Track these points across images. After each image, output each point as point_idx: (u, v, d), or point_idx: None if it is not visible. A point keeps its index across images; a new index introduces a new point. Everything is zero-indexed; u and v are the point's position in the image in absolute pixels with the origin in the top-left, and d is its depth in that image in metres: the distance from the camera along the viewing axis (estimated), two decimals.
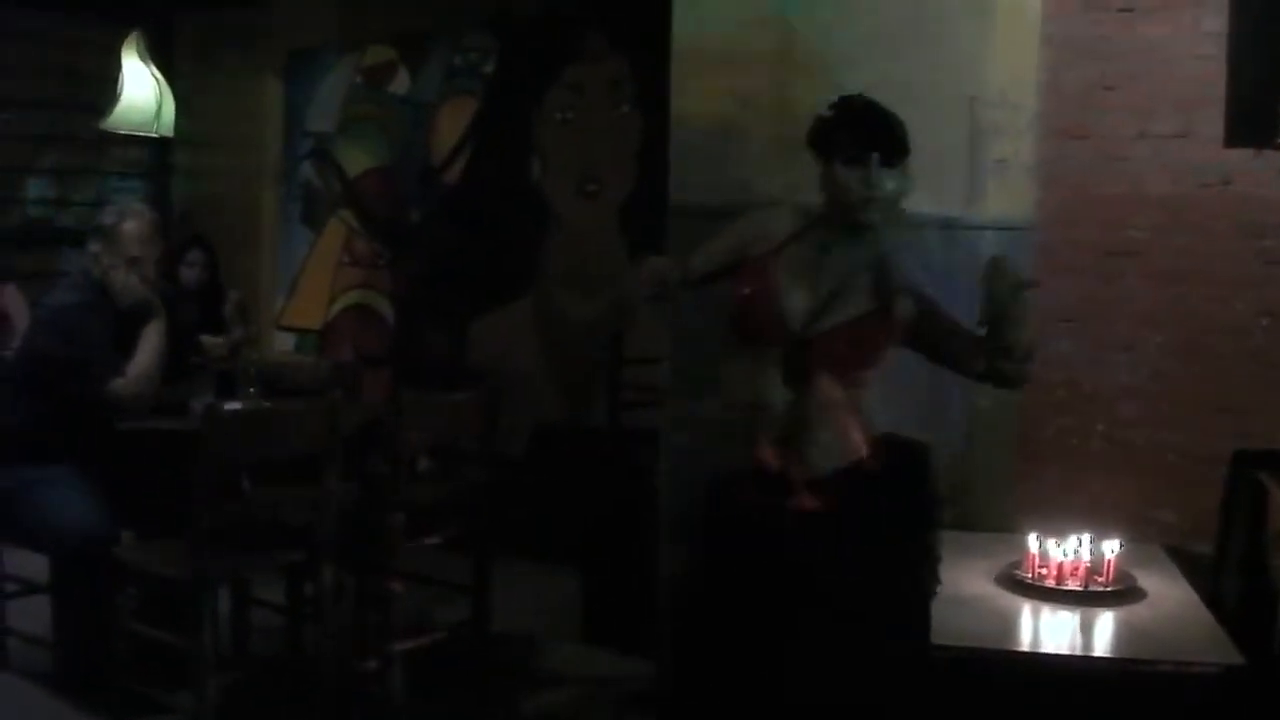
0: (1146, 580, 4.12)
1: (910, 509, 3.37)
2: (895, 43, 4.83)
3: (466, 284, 7.20)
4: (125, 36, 7.26)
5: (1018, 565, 4.02)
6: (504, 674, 5.00)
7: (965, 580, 3.96)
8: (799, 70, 4.71)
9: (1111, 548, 4.09)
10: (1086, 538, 4.12)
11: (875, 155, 3.31)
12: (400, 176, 7.67)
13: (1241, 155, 5.02)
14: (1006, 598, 3.88)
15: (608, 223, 6.65)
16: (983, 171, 5.21)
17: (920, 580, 3.36)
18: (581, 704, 4.89)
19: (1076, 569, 4.05)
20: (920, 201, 5.06)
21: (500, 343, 7.03)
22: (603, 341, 6.43)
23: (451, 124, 7.42)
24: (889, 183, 3.34)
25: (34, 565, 4.78)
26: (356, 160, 7.90)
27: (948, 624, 3.57)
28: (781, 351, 3.31)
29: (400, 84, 7.71)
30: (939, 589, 3.49)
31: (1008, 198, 5.25)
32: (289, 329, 8.16)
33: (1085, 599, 3.93)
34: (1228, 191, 4.98)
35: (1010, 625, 3.67)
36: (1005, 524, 4.62)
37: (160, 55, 7.71)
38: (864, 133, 3.37)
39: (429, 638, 4.84)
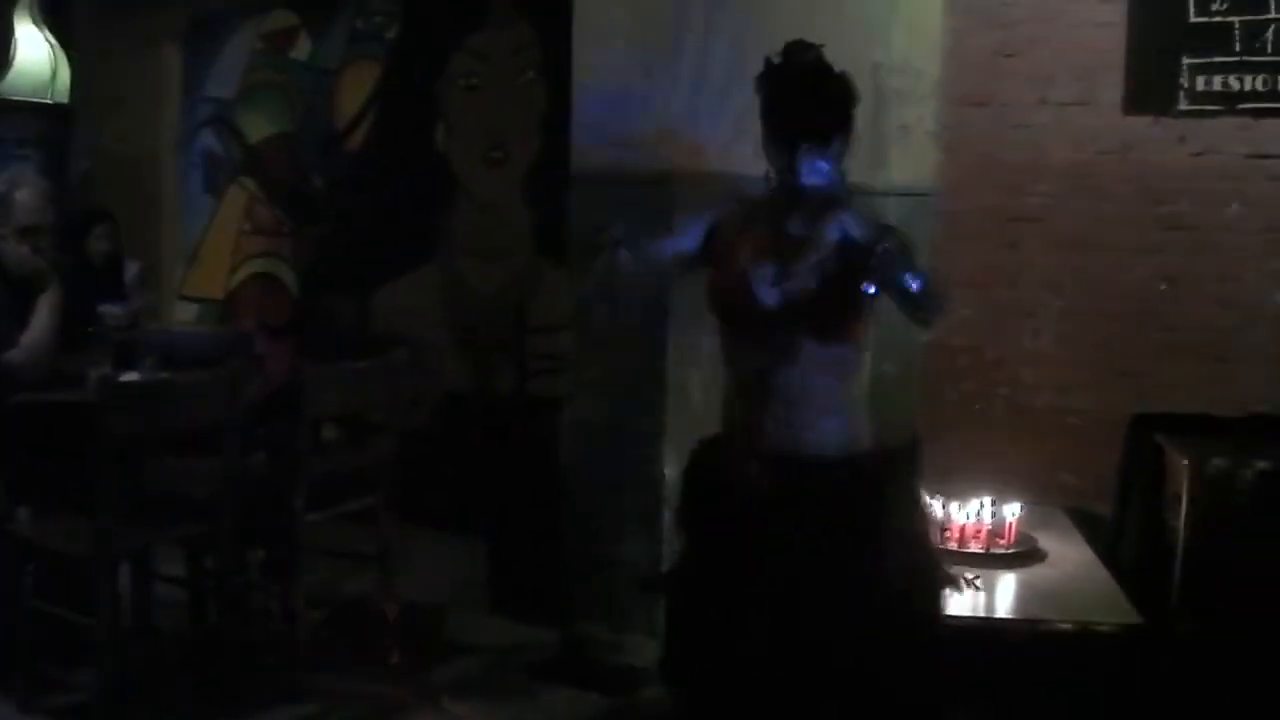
0: (1047, 542, 4.18)
1: (909, 502, 3.21)
2: (799, 7, 4.83)
3: (370, 251, 7.13)
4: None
5: None
6: (410, 644, 4.96)
7: None
8: (701, 37, 4.70)
9: (1013, 510, 4.15)
10: (988, 501, 4.17)
11: (802, 147, 3.06)
12: (302, 143, 7.58)
13: (1141, 123, 5.08)
14: None
15: (512, 190, 6.61)
16: (886, 138, 5.23)
17: (929, 579, 3.20)
18: (488, 673, 4.87)
19: (979, 532, 4.10)
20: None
21: (405, 311, 6.98)
22: (507, 309, 6.41)
23: (354, 90, 7.33)
24: (818, 169, 3.08)
25: None
26: (258, 127, 7.79)
27: None
28: (764, 333, 3.12)
29: (302, 49, 7.60)
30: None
31: (911, 164, 5.28)
32: (191, 299, 8.04)
33: (987, 561, 3.98)
34: (1128, 158, 5.04)
35: None
36: None
37: (55, 19, 7.56)
38: (787, 116, 3.12)
39: (334, 609, 4.80)
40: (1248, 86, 5.00)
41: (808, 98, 3.13)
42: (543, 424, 5.38)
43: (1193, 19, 5.05)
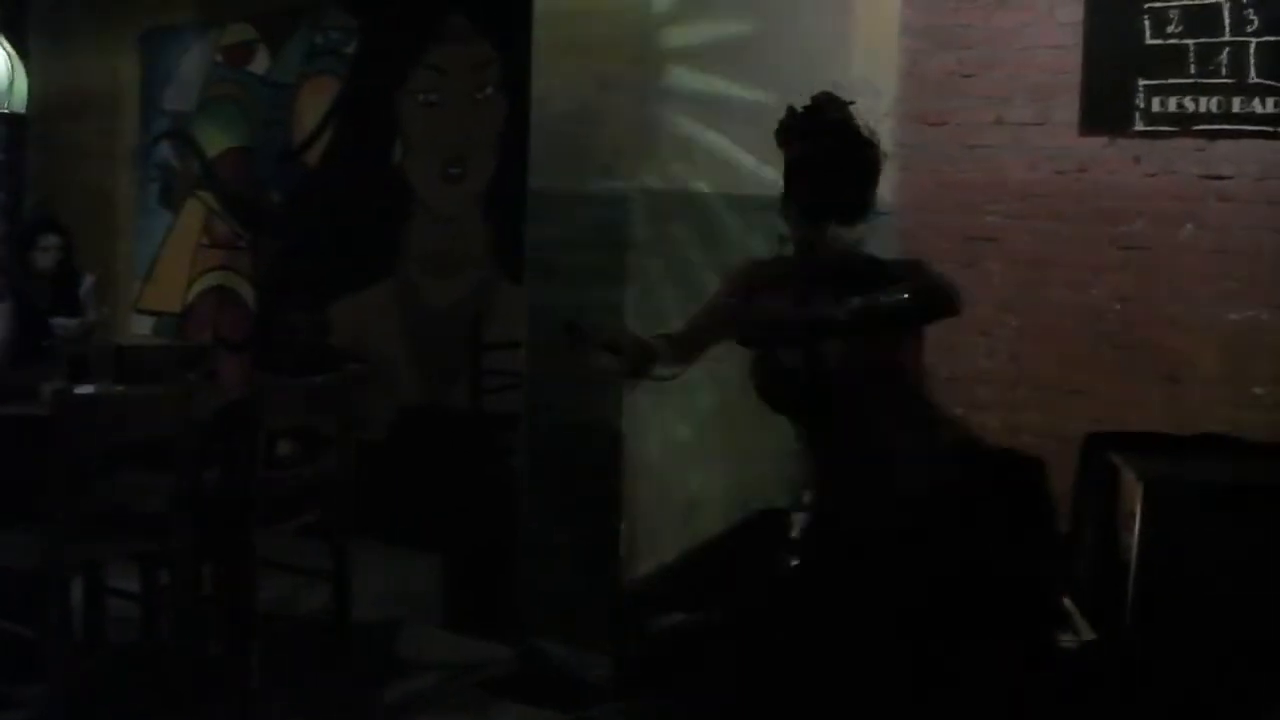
0: None
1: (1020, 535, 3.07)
2: (757, 29, 4.85)
3: (327, 266, 7.11)
4: None
5: None
6: (365, 660, 4.94)
7: None
8: (661, 56, 4.71)
9: None
10: None
11: (817, 222, 2.96)
12: (260, 157, 7.56)
13: (1096, 143, 5.11)
14: None
15: (470, 206, 6.60)
16: None
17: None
18: (443, 689, 4.85)
19: None
20: (781, 186, 5.12)
21: (361, 326, 6.96)
22: (464, 325, 6.40)
23: (312, 104, 7.32)
24: (843, 237, 2.99)
25: None
26: (215, 140, 7.77)
27: None
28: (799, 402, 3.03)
29: (260, 63, 7.59)
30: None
31: None
32: (147, 312, 8.00)
33: None
34: (1083, 179, 5.07)
35: None
36: None
37: (13, 30, 7.51)
38: (815, 186, 2.98)
39: (289, 625, 4.78)
40: (1203, 108, 5.04)
41: (839, 169, 2.98)
42: (498, 439, 5.37)
43: (1148, 41, 5.09)
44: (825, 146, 2.97)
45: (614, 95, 4.68)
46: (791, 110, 3.02)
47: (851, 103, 3.03)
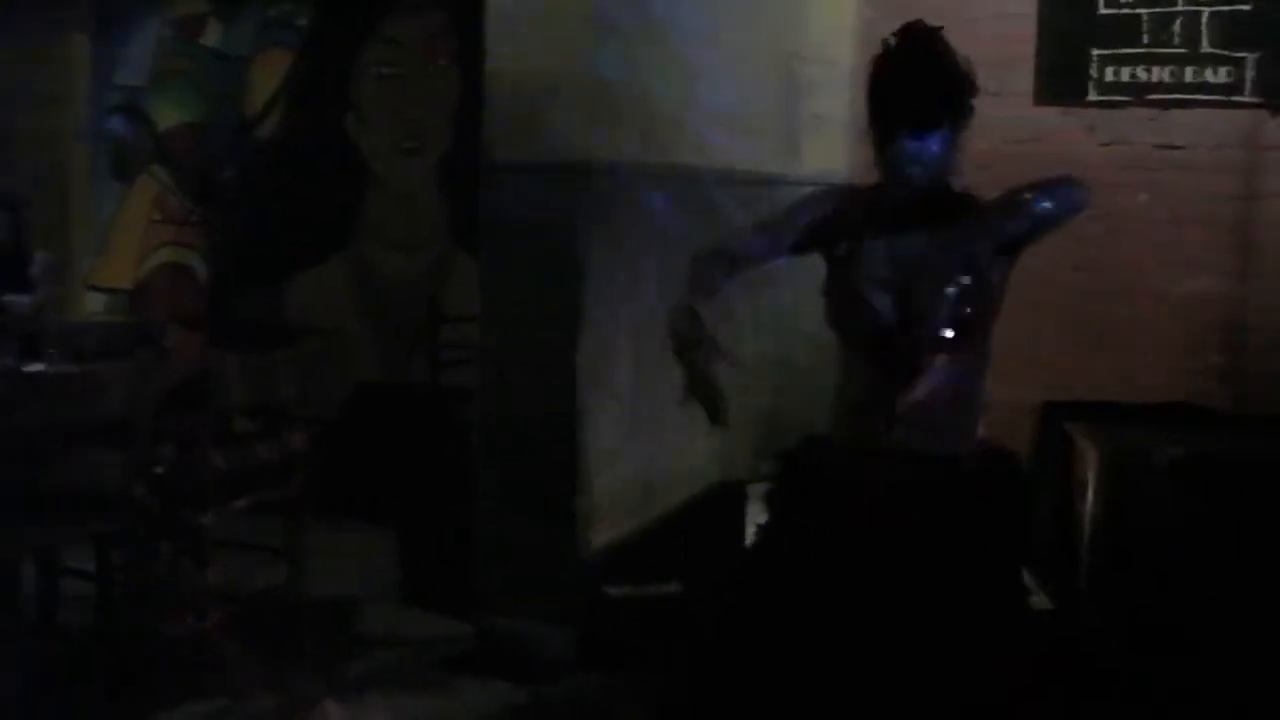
0: None
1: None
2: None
3: (282, 241, 7.06)
4: None
5: None
6: (323, 638, 4.92)
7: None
8: (616, 27, 4.69)
9: None
10: None
11: (902, 130, 2.86)
12: (212, 131, 7.48)
13: (1051, 113, 5.13)
14: None
15: (426, 180, 6.57)
16: (800, 127, 5.25)
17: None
18: (402, 666, 4.84)
19: None
20: (738, 157, 5.13)
21: (317, 301, 6.91)
22: (421, 300, 6.37)
23: (265, 77, 7.25)
24: (919, 156, 2.89)
25: None
26: (167, 114, 7.68)
27: None
28: (885, 350, 2.95)
29: (212, 36, 7.50)
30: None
31: (824, 153, 5.30)
32: (100, 289, 7.92)
33: None
34: (1038, 148, 5.08)
35: None
36: None
37: None
38: (886, 103, 2.91)
39: (246, 603, 4.75)
40: (1155, 78, 5.07)
41: (913, 79, 2.92)
42: (456, 414, 5.36)
43: (1102, 11, 5.11)
44: (906, 57, 2.95)
45: (570, 67, 4.65)
46: (883, 41, 3.01)
47: (941, 27, 2.98)
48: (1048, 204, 2.99)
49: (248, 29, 7.36)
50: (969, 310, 2.89)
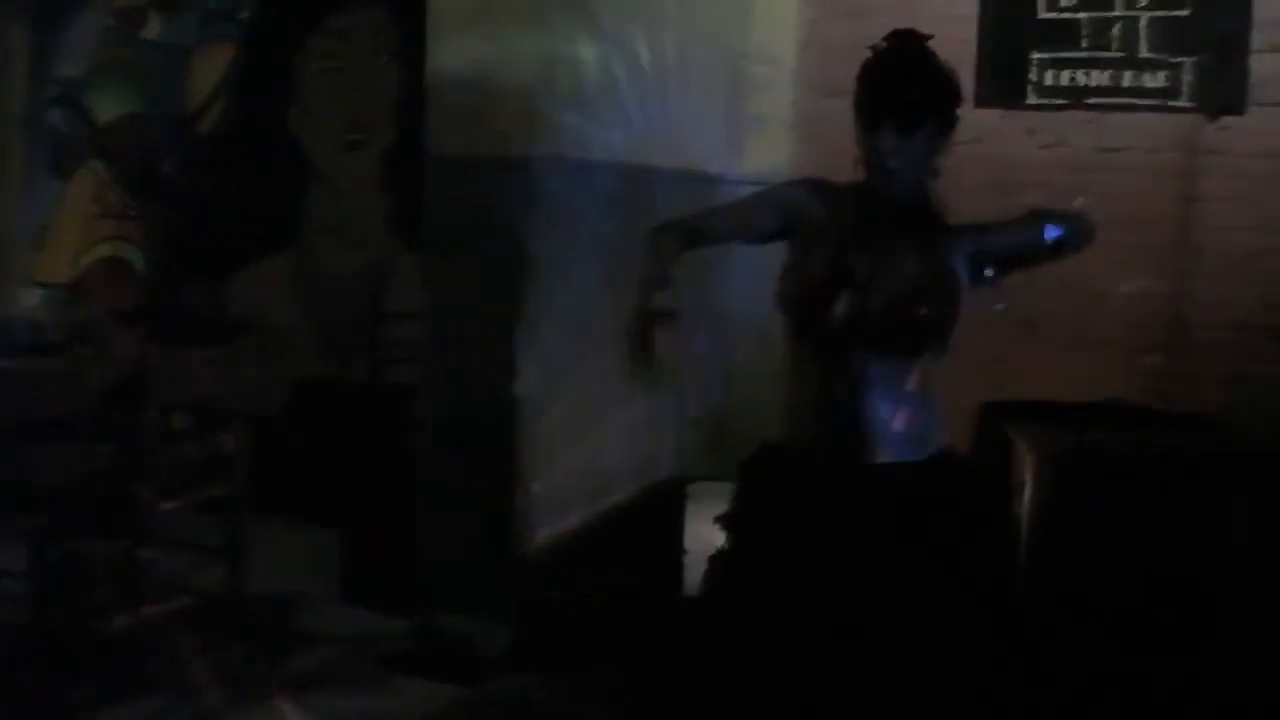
0: None
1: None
2: None
3: (223, 236, 7.00)
4: None
5: None
6: (263, 636, 4.89)
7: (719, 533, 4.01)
8: (558, 23, 4.68)
9: None
10: None
11: (888, 123, 2.93)
12: (153, 124, 7.41)
13: (992, 115, 5.16)
14: None
15: (369, 174, 6.53)
16: (742, 127, 5.26)
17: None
18: (342, 664, 4.82)
19: None
20: (681, 154, 5.13)
21: (258, 296, 6.86)
22: (364, 295, 6.33)
23: (207, 70, 7.18)
24: (905, 150, 2.93)
25: None
26: (107, 107, 7.60)
27: (701, 575, 3.59)
28: (843, 350, 2.92)
29: (153, 28, 7.44)
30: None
31: (767, 153, 5.32)
32: (37, 284, 7.84)
33: None
34: (979, 150, 5.11)
35: None
36: None
37: None
38: (875, 96, 2.99)
39: (183, 602, 4.71)
40: (1095, 81, 5.11)
41: (904, 75, 3.00)
42: (398, 411, 5.33)
43: (1042, 14, 5.14)
44: (895, 59, 3.03)
45: (512, 61, 4.65)
46: (872, 48, 3.08)
47: (931, 36, 3.08)
48: (1039, 228, 3.10)
49: (189, 21, 7.30)
50: (933, 315, 2.91)
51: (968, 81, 5.10)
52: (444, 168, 4.72)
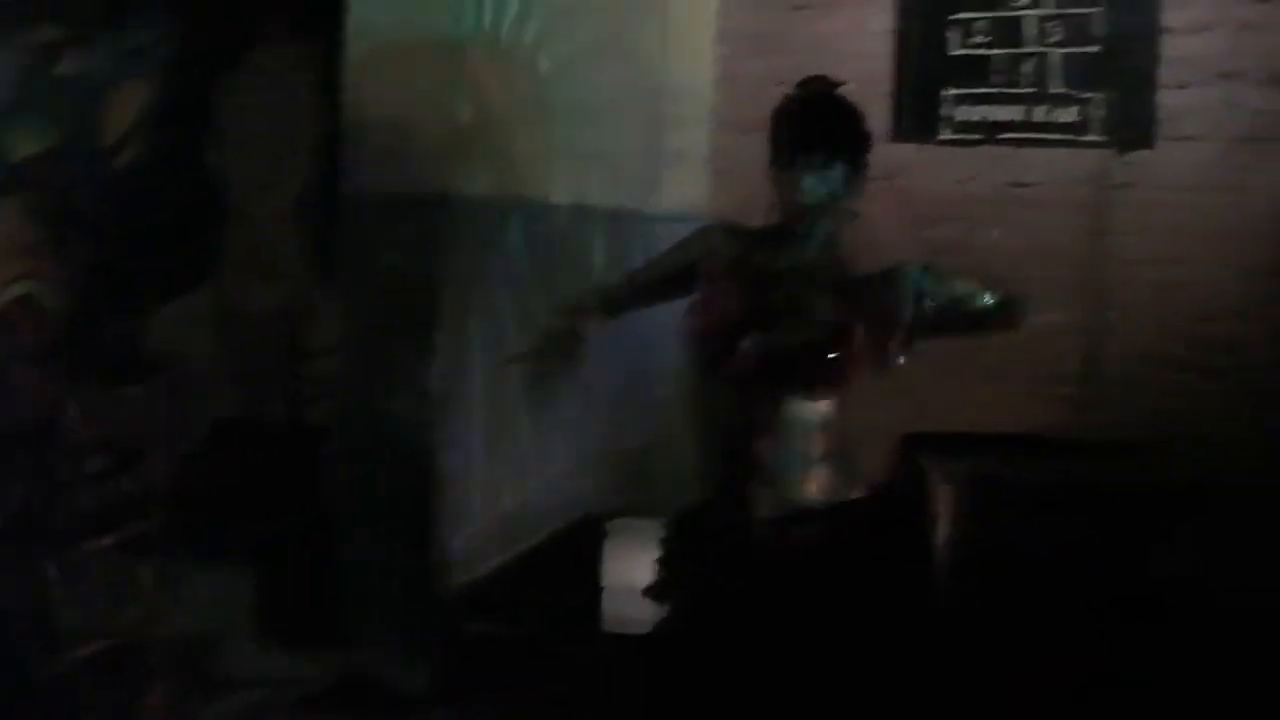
0: None
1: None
2: (580, 29, 4.86)
3: (139, 273, 6.93)
4: None
5: None
6: (182, 677, 4.84)
7: (640, 568, 4.01)
8: (475, 60, 4.69)
9: None
10: None
11: (800, 161, 3.01)
12: (69, 161, 7.34)
13: (906, 150, 5.22)
14: None
15: (285, 211, 6.49)
16: (660, 162, 5.28)
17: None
18: (262, 704, 4.77)
19: None
20: (599, 191, 5.15)
21: (175, 334, 6.80)
22: (281, 332, 6.29)
23: (124, 106, 7.12)
24: (821, 187, 3.01)
25: None
26: (22, 144, 7.52)
27: (625, 612, 3.59)
28: (742, 381, 2.94)
29: (70, 63, 7.37)
30: None
31: (684, 189, 5.34)
32: None
33: None
34: (894, 185, 5.16)
35: None
36: None
37: None
38: (788, 135, 3.08)
39: (101, 644, 4.65)
40: (1006, 117, 5.18)
41: (816, 115, 3.07)
42: (316, 448, 5.30)
43: (953, 51, 5.21)
44: (811, 100, 3.09)
45: (430, 99, 4.65)
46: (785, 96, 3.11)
47: (845, 83, 3.13)
48: (976, 292, 3.13)
49: (106, 57, 7.24)
50: (842, 356, 2.93)
51: (882, 117, 5.18)
52: (360, 204, 4.71)
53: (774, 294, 2.95)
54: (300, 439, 5.80)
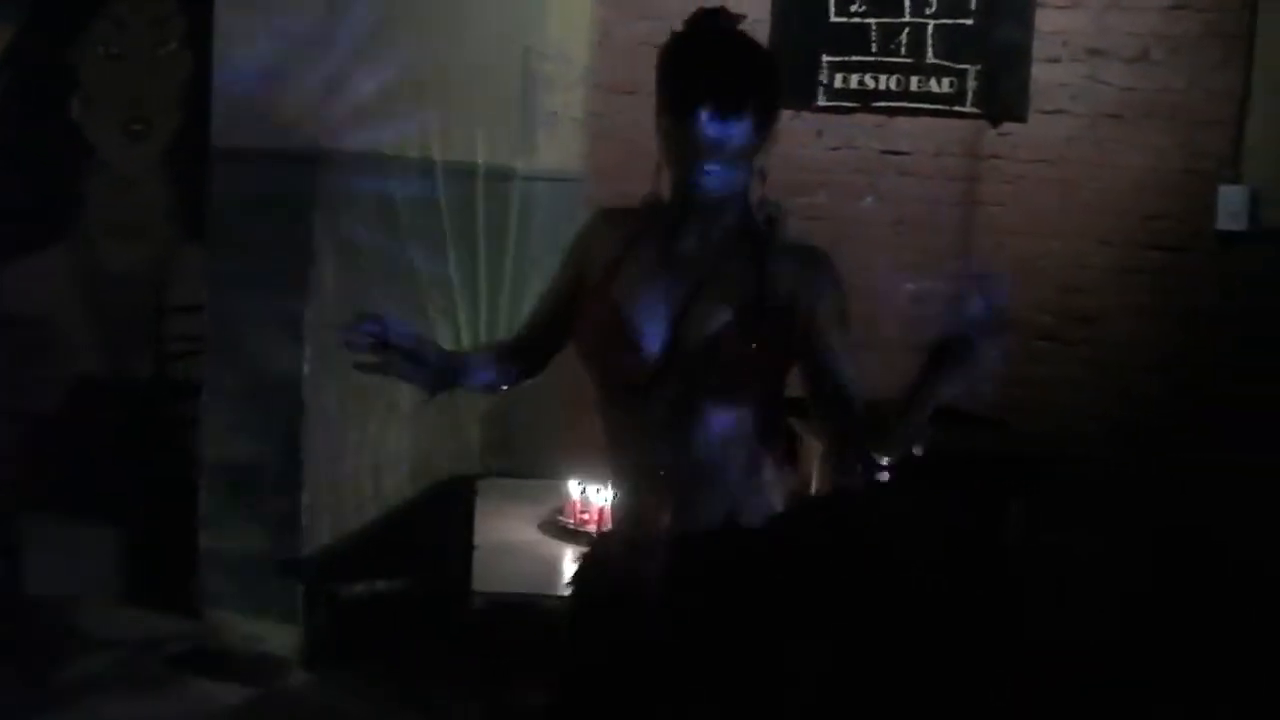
0: None
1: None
2: None
3: None
4: None
5: (561, 511, 4.09)
6: (42, 638, 4.74)
7: (510, 527, 4.02)
8: (349, 14, 4.63)
9: None
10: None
11: (703, 110, 2.35)
12: None
13: (783, 116, 5.23)
14: (550, 544, 3.95)
15: (153, 165, 6.37)
16: (535, 123, 5.25)
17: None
18: (123, 665, 4.70)
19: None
20: (473, 149, 5.11)
21: (35, 289, 6.64)
22: (146, 289, 6.18)
23: None
24: (727, 141, 2.37)
25: None
26: None
27: (491, 571, 3.60)
28: (648, 388, 2.43)
29: None
30: None
31: (559, 149, 5.32)
32: None
33: None
34: (771, 151, 5.18)
35: (552, 571, 3.73)
36: (551, 471, 4.70)
37: None
38: (686, 79, 2.41)
39: None
40: (882, 85, 5.22)
41: (720, 53, 2.42)
42: (180, 407, 5.22)
43: (832, 19, 5.23)
44: (708, 41, 2.45)
45: (300, 54, 4.57)
46: (672, 31, 2.50)
47: (744, 16, 2.49)
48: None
49: None
50: (762, 347, 2.46)
51: None
52: (228, 159, 4.62)
53: (673, 281, 2.45)
54: (164, 397, 5.71)
